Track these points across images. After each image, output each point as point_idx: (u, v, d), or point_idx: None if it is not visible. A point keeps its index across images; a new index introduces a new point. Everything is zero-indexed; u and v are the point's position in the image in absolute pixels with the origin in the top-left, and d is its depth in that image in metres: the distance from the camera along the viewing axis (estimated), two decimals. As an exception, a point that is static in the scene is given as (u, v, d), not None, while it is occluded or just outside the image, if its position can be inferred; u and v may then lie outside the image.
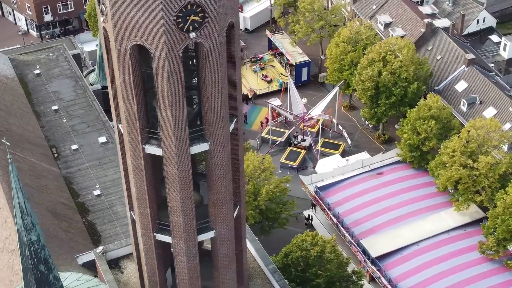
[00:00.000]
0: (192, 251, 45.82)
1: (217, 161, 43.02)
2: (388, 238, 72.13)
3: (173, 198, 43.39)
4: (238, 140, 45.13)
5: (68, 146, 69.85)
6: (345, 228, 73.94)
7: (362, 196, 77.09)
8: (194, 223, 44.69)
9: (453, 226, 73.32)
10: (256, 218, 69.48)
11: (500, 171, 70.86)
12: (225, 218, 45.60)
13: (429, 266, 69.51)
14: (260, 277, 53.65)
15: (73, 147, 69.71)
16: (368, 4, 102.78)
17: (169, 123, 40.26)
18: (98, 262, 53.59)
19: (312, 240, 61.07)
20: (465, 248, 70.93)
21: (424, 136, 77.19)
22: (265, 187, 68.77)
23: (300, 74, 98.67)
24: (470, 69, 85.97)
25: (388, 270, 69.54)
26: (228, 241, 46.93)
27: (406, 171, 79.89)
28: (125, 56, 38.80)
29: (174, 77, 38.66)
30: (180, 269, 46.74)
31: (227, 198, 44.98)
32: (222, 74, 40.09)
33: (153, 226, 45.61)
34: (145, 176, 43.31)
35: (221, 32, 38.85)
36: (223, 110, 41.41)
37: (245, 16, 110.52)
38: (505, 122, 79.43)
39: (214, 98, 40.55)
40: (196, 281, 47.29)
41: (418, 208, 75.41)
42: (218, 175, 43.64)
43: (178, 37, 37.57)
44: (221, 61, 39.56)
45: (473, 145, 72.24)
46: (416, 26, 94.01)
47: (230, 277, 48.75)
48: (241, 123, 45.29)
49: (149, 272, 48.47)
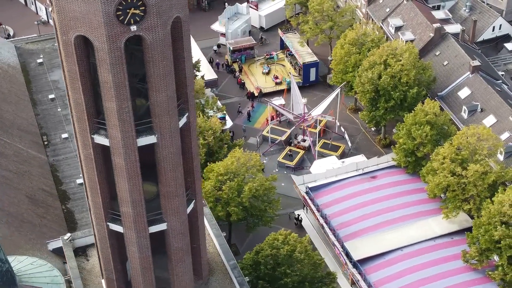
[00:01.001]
0: (144, 242, 46.38)
1: (165, 154, 43.50)
2: (372, 242, 71.68)
3: (122, 189, 44.03)
4: (190, 134, 45.51)
5: (59, 135, 71.13)
6: (332, 230, 73.68)
7: (352, 199, 76.72)
8: (144, 214, 45.25)
9: (440, 233, 72.48)
10: (239, 215, 69.73)
11: (489, 181, 69.78)
12: (176, 211, 46.04)
13: (410, 272, 68.90)
14: (221, 272, 53.97)
15: (63, 135, 70.97)
16: (382, 7, 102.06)
17: (113, 114, 40.89)
18: (64, 249, 54.57)
19: (284, 239, 61.06)
20: (449, 256, 70.07)
21: (419, 142, 76.44)
22: (249, 184, 68.97)
23: (308, 74, 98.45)
24: (474, 76, 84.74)
25: (369, 274, 69.12)
26: (181, 234, 47.38)
27: (400, 176, 79.19)
28: (70, 47, 39.54)
29: (116, 68, 39.23)
30: (133, 259, 47.40)
31: (178, 192, 45.41)
32: (167, 68, 40.51)
33: (106, 215, 46.31)
34: (95, 166, 44.01)
35: (165, 26, 39.27)
36: (170, 104, 41.84)
37: (261, 14, 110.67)
38: (503, 131, 78.16)
39: (159, 91, 41.03)
40: (149, 271, 47.87)
41: (407, 213, 74.72)
42: (167, 168, 44.13)
43: (119, 30, 38.14)
44: (165, 55, 39.99)
45: (464, 152, 71.28)
46: (426, 30, 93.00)
47: (185, 270, 49.19)
48: (194, 117, 45.59)
49: (104, 261, 49.24)
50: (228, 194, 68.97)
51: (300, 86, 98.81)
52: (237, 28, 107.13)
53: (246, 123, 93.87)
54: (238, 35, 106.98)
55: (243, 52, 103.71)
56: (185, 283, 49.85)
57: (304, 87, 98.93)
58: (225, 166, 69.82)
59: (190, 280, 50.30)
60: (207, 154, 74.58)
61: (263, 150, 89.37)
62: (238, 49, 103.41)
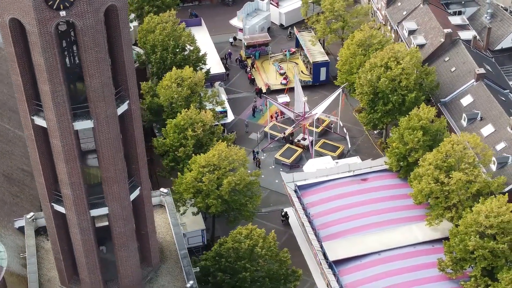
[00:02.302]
0: (85, 225, 47.48)
1: (102, 140, 44.47)
2: (350, 244, 71.33)
3: (61, 171, 45.20)
4: (133, 122, 46.29)
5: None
6: (313, 229, 73.57)
7: (339, 200, 76.42)
8: (84, 197, 46.33)
9: (421, 240, 71.61)
10: (218, 208, 70.27)
11: (473, 190, 68.60)
12: (117, 196, 46.97)
13: (384, 277, 68.35)
14: (173, 260, 54.75)
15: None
16: (399, 10, 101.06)
17: (48, 97, 42.04)
18: (25, 227, 56.11)
19: (248, 234, 61.35)
20: (427, 264, 69.17)
21: (411, 147, 75.60)
22: (228, 178, 69.42)
23: (318, 73, 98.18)
24: (478, 84, 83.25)
25: (342, 276, 68.85)
26: (123, 219, 48.31)
27: (391, 180, 78.45)
28: (6, 29, 40.83)
29: (48, 52, 40.32)
30: (75, 240, 48.60)
31: (119, 178, 46.34)
32: (100, 55, 41.40)
33: (50, 196, 47.53)
34: (36, 147, 45.30)
35: (96, 13, 40.14)
36: (105, 90, 42.75)
37: (281, 11, 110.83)
38: (500, 141, 76.65)
39: (93, 77, 42.01)
40: (92, 254, 48.96)
41: (391, 218, 74.06)
42: (106, 154, 45.13)
43: (48, 14, 39.21)
44: (97, 42, 40.88)
45: (451, 160, 70.24)
46: (437, 35, 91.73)
47: (129, 255, 50.12)
48: (137, 105, 46.35)
49: (52, 240, 50.52)
50: (207, 186, 69.61)
51: (310, 85, 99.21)
52: (255, 24, 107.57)
53: (250, 119, 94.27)
54: (256, 31, 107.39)
55: (257, 48, 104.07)
56: (130, 268, 50.80)
57: (314, 86, 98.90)
58: (207, 158, 70.44)
59: (136, 265, 51.20)
60: (196, 146, 75.27)
61: (263, 146, 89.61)
62: (253, 45, 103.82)
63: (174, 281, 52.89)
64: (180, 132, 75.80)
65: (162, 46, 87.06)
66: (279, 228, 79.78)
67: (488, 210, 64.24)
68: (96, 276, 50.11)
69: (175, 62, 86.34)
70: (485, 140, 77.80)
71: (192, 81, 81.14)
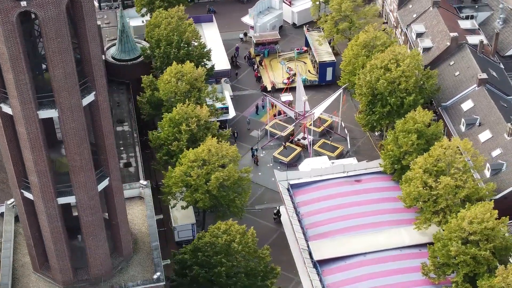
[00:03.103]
0: (52, 212, 48.38)
1: (67, 129, 45.30)
2: (336, 245, 71.27)
3: (27, 159, 46.16)
4: (100, 113, 47.00)
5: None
6: (302, 228, 73.65)
7: (330, 200, 76.35)
8: (51, 185, 47.22)
9: (408, 244, 71.21)
10: (205, 202, 70.80)
11: (461, 195, 68.07)
12: (83, 185, 47.79)
13: (367, 279, 68.17)
14: (146, 252, 55.40)
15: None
16: (410, 12, 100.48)
17: (12, 85, 42.99)
18: (5, 213, 57.29)
19: (227, 229, 61.73)
20: (411, 268, 68.72)
21: (405, 150, 75.24)
22: (216, 173, 69.88)
23: (324, 73, 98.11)
24: (480, 89, 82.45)
25: (325, 276, 68.86)
26: (90, 209, 49.12)
27: (385, 182, 78.11)
28: (-33, 17, 41.69)
29: (10, 41, 41.20)
30: (44, 227, 49.56)
31: (85, 167, 47.14)
32: (62, 46, 42.17)
33: (19, 182, 48.51)
34: (5, 134, 46.31)
35: (58, 5, 40.89)
36: (68, 80, 43.55)
37: (293, 10, 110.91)
38: (496, 148, 75.86)
39: (56, 68, 42.83)
40: (60, 241, 49.88)
41: (381, 220, 73.77)
42: (71, 143, 45.96)
43: (9, 4, 40.09)
44: (59, 32, 41.66)
45: (441, 164, 69.75)
46: (443, 39, 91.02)
47: (98, 244, 50.94)
48: (105, 96, 47.05)
49: (23, 227, 51.57)
50: (196, 180, 70.19)
51: (316, 85, 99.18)
52: (266, 22, 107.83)
53: (253, 116, 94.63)
54: (267, 29, 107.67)
55: (267, 46, 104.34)
56: (100, 257, 51.63)
57: (320, 86, 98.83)
58: (196, 153, 71.01)
59: (105, 254, 51.99)
60: (190, 140, 75.86)
61: (263, 144, 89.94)
62: (262, 43, 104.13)
63: (144, 272, 53.56)
64: (175, 126, 76.50)
65: (167, 41, 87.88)
66: (271, 225, 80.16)
67: (472, 216, 63.74)
68: (66, 263, 51.04)
69: (178, 57, 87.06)
70: (482, 146, 77.16)
71: (192, 76, 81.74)
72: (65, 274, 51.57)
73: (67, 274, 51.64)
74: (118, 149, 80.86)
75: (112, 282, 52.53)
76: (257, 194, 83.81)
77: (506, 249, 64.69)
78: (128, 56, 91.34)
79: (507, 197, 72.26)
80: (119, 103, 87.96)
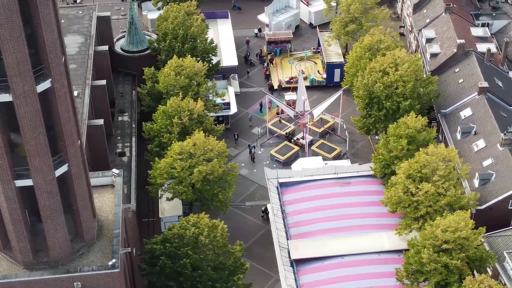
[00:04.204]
0: (10, 194, 49.75)
1: (21, 114, 46.61)
2: (315, 245, 71.36)
3: (-17, 141, 47.40)
4: (57, 100, 48.16)
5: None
6: (285, 226, 73.97)
7: (317, 200, 76.45)
8: (7, 167, 48.60)
9: (388, 249, 70.88)
10: (188, 195, 71.74)
11: (442, 203, 67.49)
12: (40, 170, 49.05)
13: (342, 281, 68.20)
14: (109, 239, 56.34)
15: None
16: (424, 17, 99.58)
17: (-37, 69, 44.30)
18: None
19: (196, 222, 62.49)
20: (387, 273, 68.38)
21: (395, 154, 74.87)
22: (200, 167, 70.72)
23: (332, 74, 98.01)
24: (480, 98, 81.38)
25: (301, 275, 69.07)
26: (47, 193, 50.34)
27: (374, 186, 77.79)
28: None
29: (-37, 26, 42.53)
30: (3, 208, 51.02)
31: (40, 151, 48.39)
32: (14, 32, 43.44)
33: (-22, 164, 49.81)
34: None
35: (5, -8, 42.03)
36: (20, 66, 44.74)
37: (311, 10, 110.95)
38: (487, 158, 74.83)
39: (7, 54, 44.15)
40: (19, 223, 51.24)
41: (364, 224, 73.62)
42: (26, 128, 47.22)
43: (-40, -10, 41.42)
44: (9, 19, 42.90)
45: (425, 170, 69.27)
46: (451, 45, 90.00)
47: (56, 228, 52.15)
48: (62, 83, 48.14)
49: (-16, 207, 52.89)
50: (180, 173, 71.17)
51: (324, 85, 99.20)
52: (281, 21, 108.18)
53: (257, 113, 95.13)
54: (282, 27, 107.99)
55: (279, 44, 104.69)
56: (58, 240, 52.81)
57: (327, 87, 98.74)
58: (182, 146, 71.97)
59: (64, 238, 53.13)
60: (181, 133, 76.84)
61: (262, 141, 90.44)
62: (274, 41, 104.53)
63: (103, 259, 54.56)
64: (168, 118, 77.62)
65: (172, 35, 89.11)
66: (259, 222, 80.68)
67: (447, 225, 63.23)
68: (25, 244, 52.35)
69: (183, 51, 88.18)
70: (475, 155, 76.29)
71: (191, 70, 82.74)
72: (25, 255, 52.90)
73: (27, 256, 52.96)
74: (115, 139, 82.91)
75: (70, 266, 53.73)
76: (249, 191, 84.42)
77: (481, 260, 63.96)
78: (136, 48, 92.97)
79: (493, 208, 71.26)
80: (123, 93, 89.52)
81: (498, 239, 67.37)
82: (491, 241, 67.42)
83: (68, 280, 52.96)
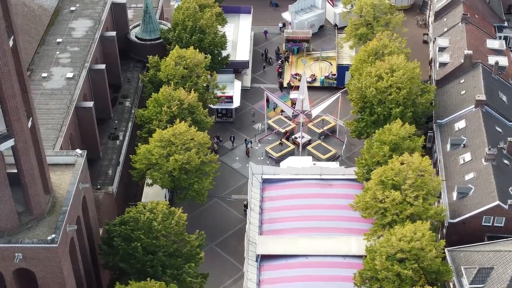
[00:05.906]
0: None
1: (-39, 87, 49.03)
2: (283, 243, 71.74)
3: None
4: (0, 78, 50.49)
5: (41, 73, 79.07)
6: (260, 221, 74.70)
7: (296, 199, 76.76)
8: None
9: (355, 253, 70.57)
10: (164, 182, 73.35)
11: (407, 212, 66.87)
12: (-15, 142, 51.47)
13: (301, 280, 68.43)
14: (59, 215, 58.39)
15: (43, 74, 78.87)
16: (443, 26, 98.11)
17: None
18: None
19: (153, 208, 63.94)
20: (349, 277, 67.95)
21: (377, 160, 74.51)
22: (176, 155, 72.21)
23: (342, 76, 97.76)
24: (476, 111, 79.86)
25: (263, 271, 69.64)
26: (-9, 165, 52.68)
27: (355, 190, 77.20)
28: None
29: None
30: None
31: (-16, 124, 50.77)
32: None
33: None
34: None
35: None
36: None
37: (335, 11, 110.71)
38: (470, 171, 73.48)
39: None
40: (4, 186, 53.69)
41: (337, 226, 73.55)
42: (-32, 101, 49.65)
43: None
44: None
45: (397, 178, 68.73)
46: (460, 56, 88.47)
47: (2, 200, 54.61)
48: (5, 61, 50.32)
49: None
50: (157, 160, 72.86)
51: (334, 87, 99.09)
52: (304, 20, 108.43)
53: (262, 110, 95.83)
54: (304, 27, 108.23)
55: (298, 43, 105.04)
56: (4, 212, 55.23)
57: (337, 88, 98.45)
58: (162, 133, 73.61)
59: (10, 210, 55.46)
60: (169, 122, 78.45)
61: (261, 137, 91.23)
62: (293, 40, 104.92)
63: (48, 233, 56.63)
64: (158, 106, 79.41)
65: (182, 26, 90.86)
66: (240, 216, 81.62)
67: (403, 234, 62.74)
68: (-27, 213, 55.07)
69: (190, 42, 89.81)
70: (459, 167, 75.11)
71: (192, 62, 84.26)
72: (-27, 223, 55.65)
73: (-25, 224, 55.68)
74: (112, 122, 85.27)
75: (15, 237, 56.05)
76: (237, 184, 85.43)
77: (438, 273, 63.19)
78: (149, 36, 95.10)
79: (466, 222, 70.04)
80: (129, 79, 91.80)
81: (460, 253, 66.30)
82: (454, 255, 66.43)
83: (9, 250, 55.27)
